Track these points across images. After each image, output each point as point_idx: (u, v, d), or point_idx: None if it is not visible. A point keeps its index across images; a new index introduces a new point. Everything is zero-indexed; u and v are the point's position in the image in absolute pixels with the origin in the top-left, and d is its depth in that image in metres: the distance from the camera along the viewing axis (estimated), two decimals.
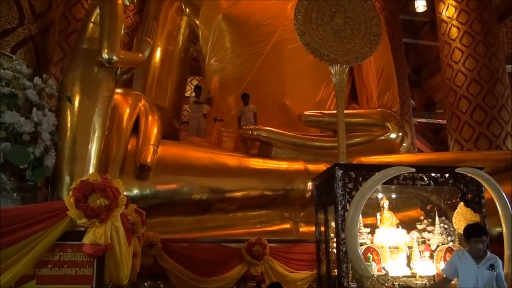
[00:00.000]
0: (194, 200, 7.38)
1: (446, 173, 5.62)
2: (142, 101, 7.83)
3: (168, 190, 7.32)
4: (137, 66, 7.36)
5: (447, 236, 5.84)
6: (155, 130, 7.54)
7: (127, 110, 7.40)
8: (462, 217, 5.76)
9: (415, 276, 5.52)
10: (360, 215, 5.53)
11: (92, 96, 6.15)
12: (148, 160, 7.09)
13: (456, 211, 5.81)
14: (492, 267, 4.38)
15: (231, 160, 7.90)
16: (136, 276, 5.39)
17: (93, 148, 6.00)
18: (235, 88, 10.04)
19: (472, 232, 4.23)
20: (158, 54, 10.39)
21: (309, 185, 7.42)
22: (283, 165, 8.07)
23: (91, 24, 6.44)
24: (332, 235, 5.54)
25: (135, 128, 7.51)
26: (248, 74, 9.94)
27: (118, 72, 6.57)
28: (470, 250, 4.23)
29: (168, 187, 7.33)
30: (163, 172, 7.29)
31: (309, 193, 7.46)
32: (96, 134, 6.06)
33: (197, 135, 10.34)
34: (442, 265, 5.60)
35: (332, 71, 7.13)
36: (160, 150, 7.42)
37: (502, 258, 4.95)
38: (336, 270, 5.23)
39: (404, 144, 9.53)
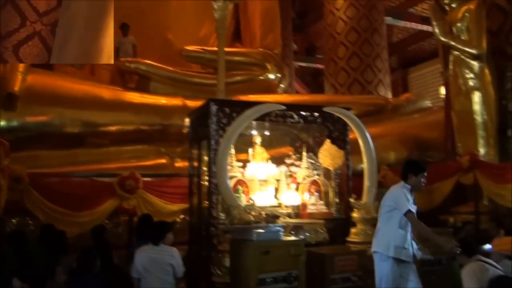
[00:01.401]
0: (65, 134, 7.08)
1: (315, 112, 5.90)
2: None
3: (37, 122, 6.94)
4: None
5: (313, 170, 6.25)
6: None
7: None
8: (327, 152, 6.22)
9: (280, 206, 5.88)
10: (234, 150, 5.72)
11: None
12: (16, 88, 6.64)
13: (322, 147, 6.22)
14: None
15: (106, 93, 7.62)
16: (2, 211, 5.12)
17: None
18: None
19: (421, 168, 4.20)
20: None
21: (187, 121, 7.41)
22: (161, 100, 7.95)
23: None
24: (205, 169, 5.64)
25: None
26: (128, 2, 9.44)
27: None
28: (414, 184, 4.09)
29: (38, 119, 6.95)
30: (32, 103, 6.88)
31: (186, 129, 7.46)
32: None
33: (73, 66, 9.73)
34: (306, 196, 6.03)
35: (215, 6, 7.01)
36: (29, 79, 6.96)
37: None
38: (207, 202, 5.36)
39: (282, 86, 9.82)
